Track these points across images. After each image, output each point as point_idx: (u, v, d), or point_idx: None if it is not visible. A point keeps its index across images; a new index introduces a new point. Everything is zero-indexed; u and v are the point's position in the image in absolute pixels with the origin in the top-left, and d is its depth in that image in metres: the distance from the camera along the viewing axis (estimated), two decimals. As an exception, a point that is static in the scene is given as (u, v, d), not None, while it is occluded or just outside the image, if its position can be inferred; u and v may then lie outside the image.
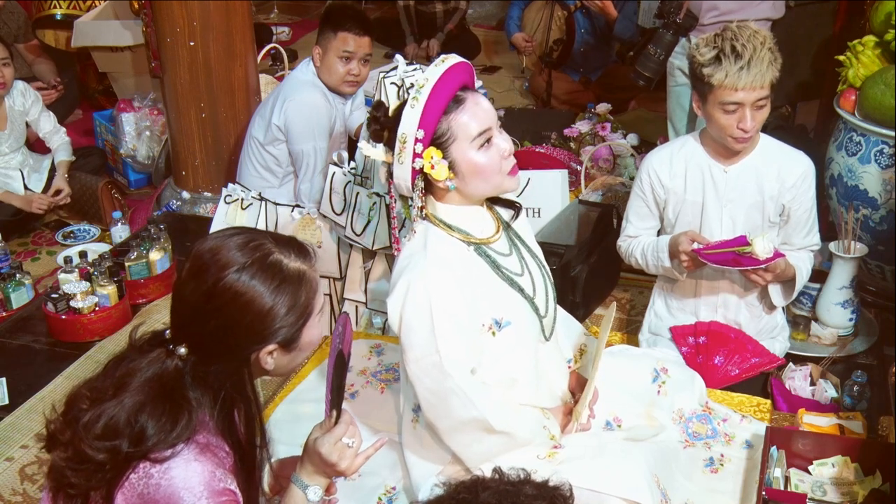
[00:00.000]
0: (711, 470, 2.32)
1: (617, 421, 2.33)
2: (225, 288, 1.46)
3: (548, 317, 2.22)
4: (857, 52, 3.18)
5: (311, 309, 1.57)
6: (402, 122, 1.98)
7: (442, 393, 2.01)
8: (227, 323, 1.48)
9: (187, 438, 1.46)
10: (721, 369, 2.72)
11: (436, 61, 2.04)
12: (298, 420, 2.50)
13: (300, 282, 1.54)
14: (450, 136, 1.99)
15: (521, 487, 1.26)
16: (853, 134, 3.18)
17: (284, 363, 1.61)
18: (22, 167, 4.23)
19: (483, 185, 2.05)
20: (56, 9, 5.10)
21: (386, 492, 2.24)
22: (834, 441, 2.37)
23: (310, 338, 1.60)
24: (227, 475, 1.49)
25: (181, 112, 4.02)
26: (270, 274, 1.49)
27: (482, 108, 2.02)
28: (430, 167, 1.98)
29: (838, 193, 3.25)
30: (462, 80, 2.03)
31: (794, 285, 2.74)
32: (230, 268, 1.47)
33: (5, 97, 4.14)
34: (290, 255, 1.54)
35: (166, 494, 1.41)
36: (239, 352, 1.52)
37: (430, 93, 1.96)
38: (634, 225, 2.86)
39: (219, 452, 1.50)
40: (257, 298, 1.48)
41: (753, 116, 2.51)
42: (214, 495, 1.43)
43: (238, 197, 3.37)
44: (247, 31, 4.01)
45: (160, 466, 1.43)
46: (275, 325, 1.51)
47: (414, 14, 6.06)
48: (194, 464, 1.44)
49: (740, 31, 2.47)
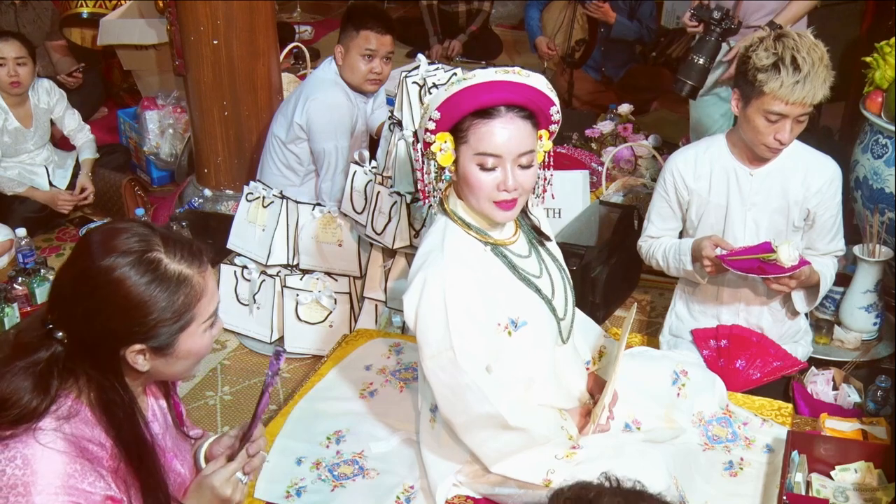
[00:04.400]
0: (731, 473, 2.31)
1: (636, 423, 2.32)
2: (98, 272, 1.42)
3: (566, 319, 2.21)
4: (885, 54, 3.15)
5: (190, 316, 1.50)
6: (432, 97, 2.00)
7: (457, 388, 2.01)
8: (94, 310, 1.43)
9: (37, 421, 1.40)
10: (742, 373, 2.71)
11: (508, 68, 1.98)
12: (316, 417, 2.51)
13: (179, 284, 1.47)
14: (465, 136, 1.98)
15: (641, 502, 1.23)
16: (879, 136, 3.15)
17: (161, 368, 1.53)
18: (47, 164, 4.27)
19: (471, 198, 2.03)
20: (83, 7, 5.12)
21: (404, 490, 2.24)
22: (857, 446, 2.35)
23: (188, 347, 1.52)
24: (91, 473, 1.42)
25: (204, 110, 4.04)
26: (145, 269, 1.44)
27: (510, 134, 1.95)
28: (437, 148, 1.99)
29: (863, 196, 3.22)
30: (516, 99, 1.96)
31: (817, 291, 2.71)
32: (109, 255, 1.42)
33: (30, 95, 4.18)
34: (176, 256, 1.48)
35: (11, 483, 1.36)
36: (106, 344, 1.46)
37: (464, 87, 1.93)
38: (656, 225, 2.84)
39: (89, 446, 1.45)
40: (127, 290, 1.42)
41: (793, 129, 2.50)
42: (64, 491, 1.37)
43: (259, 195, 3.38)
44: (270, 29, 4.03)
45: (7, 452, 1.38)
46: (144, 324, 1.45)
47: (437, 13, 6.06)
48: (52, 454, 1.39)
49: (801, 41, 2.42)
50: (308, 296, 3.23)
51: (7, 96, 4.10)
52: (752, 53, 2.47)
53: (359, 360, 2.75)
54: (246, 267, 3.36)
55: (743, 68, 2.51)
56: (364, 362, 2.73)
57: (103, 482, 1.44)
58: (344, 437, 2.42)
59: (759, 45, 2.47)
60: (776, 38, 2.46)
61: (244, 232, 3.40)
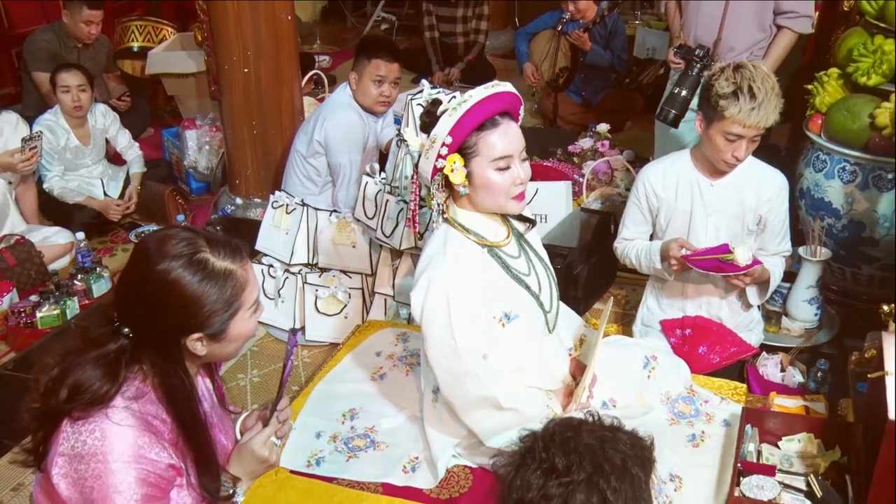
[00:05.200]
0: (693, 445, 2.30)
1: (612, 401, 2.31)
2: (156, 276, 1.43)
3: (551, 312, 2.20)
4: (824, 82, 3.16)
5: (238, 304, 1.50)
6: (438, 125, 1.98)
7: (457, 374, 2.01)
8: (156, 308, 1.44)
9: (108, 403, 1.42)
10: (704, 357, 2.70)
11: (488, 84, 2.01)
12: (333, 397, 2.50)
13: (226, 278, 1.47)
14: (475, 150, 1.97)
15: (617, 434, 1.23)
16: (819, 153, 3.15)
17: (216, 351, 1.54)
18: (102, 176, 4.31)
19: (489, 200, 2.03)
20: (133, 42, 5.18)
21: (410, 461, 2.23)
22: (800, 420, 2.35)
23: (238, 331, 1.53)
24: (156, 444, 1.44)
25: (236, 129, 4.03)
26: (196, 268, 1.44)
27: (511, 135, 1.99)
28: (450, 170, 1.97)
29: (806, 205, 3.22)
30: (503, 107, 1.99)
31: (768, 286, 2.72)
32: (163, 260, 1.43)
33: (88, 117, 4.19)
34: (220, 255, 1.48)
35: (92, 452, 1.38)
36: (168, 336, 1.47)
37: (468, 109, 1.94)
38: (630, 229, 2.83)
39: (154, 422, 1.46)
40: (182, 289, 1.43)
41: (748, 148, 2.49)
42: (135, 460, 1.40)
43: (283, 203, 3.37)
44: (293, 59, 4.02)
45: (88, 426, 1.40)
46: (200, 315, 1.46)
47: (438, 45, 6.05)
48: (125, 429, 1.40)
49: (756, 72, 2.42)
50: (326, 291, 3.22)
51: (70, 118, 4.11)
52: (714, 82, 2.46)
53: (370, 347, 2.74)
54: (272, 266, 3.36)
55: (706, 94, 2.50)
56: (375, 349, 2.72)
57: (166, 453, 1.45)
58: (357, 415, 2.42)
59: (721, 74, 2.46)
60: (734, 68, 2.45)
61: (270, 235, 3.39)
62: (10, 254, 3.51)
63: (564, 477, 1.16)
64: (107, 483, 1.37)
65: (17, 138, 3.79)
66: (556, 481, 1.16)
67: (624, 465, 1.18)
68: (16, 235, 3.64)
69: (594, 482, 1.15)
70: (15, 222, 3.81)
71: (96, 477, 1.37)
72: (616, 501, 1.15)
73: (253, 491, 2.11)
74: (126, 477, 1.38)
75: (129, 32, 5.19)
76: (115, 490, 1.38)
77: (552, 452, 1.18)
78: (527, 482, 1.18)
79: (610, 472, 1.16)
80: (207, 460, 1.55)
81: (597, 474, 1.16)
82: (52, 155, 4.07)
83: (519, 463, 1.21)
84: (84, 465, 1.38)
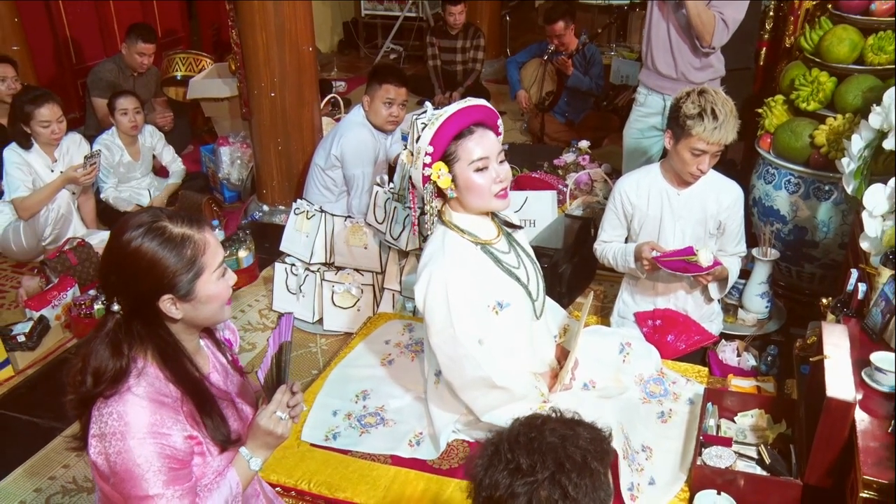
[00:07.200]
0: (662, 420, 2.29)
1: (592, 383, 2.30)
2: (120, 247, 1.39)
3: (538, 300, 2.19)
4: (771, 107, 3.17)
5: (200, 265, 1.42)
6: (420, 138, 1.99)
7: (456, 357, 2.00)
8: (127, 276, 1.39)
9: (124, 380, 1.39)
10: (672, 345, 2.69)
11: (463, 101, 2.02)
12: (347, 381, 2.49)
13: (184, 241, 1.41)
14: (456, 155, 1.98)
15: (577, 430, 1.20)
16: (769, 167, 3.15)
17: (192, 313, 1.45)
18: (149, 188, 4.30)
19: (476, 200, 2.02)
20: (177, 71, 5.19)
21: (415, 436, 2.22)
22: (753, 398, 2.35)
23: (207, 292, 1.44)
24: (169, 419, 1.40)
25: (263, 145, 4.03)
26: (154, 234, 1.39)
27: (487, 140, 1.98)
28: (436, 176, 1.98)
29: (758, 212, 3.21)
30: (477, 118, 1.99)
31: (726, 283, 2.71)
32: (126, 231, 1.39)
33: (139, 137, 4.22)
34: (178, 223, 1.42)
35: (112, 431, 1.36)
36: (143, 301, 1.41)
37: (443, 121, 1.96)
38: (608, 233, 2.82)
39: (164, 399, 1.42)
40: (143, 253, 1.38)
41: (710, 162, 2.49)
42: (151, 436, 1.37)
43: (304, 209, 3.36)
44: (313, 85, 4.02)
45: (108, 408, 1.37)
46: (165, 276, 1.39)
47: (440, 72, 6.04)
48: (140, 409, 1.37)
49: (717, 96, 2.42)
50: (341, 286, 3.21)
51: (124, 137, 4.12)
52: (682, 104, 2.46)
53: (380, 336, 2.73)
54: (294, 265, 3.35)
55: (675, 115, 2.50)
56: (384, 338, 2.71)
57: (180, 425, 1.42)
58: (369, 395, 2.41)
59: (687, 98, 2.46)
60: (699, 93, 2.45)
61: (293, 238, 3.38)
62: (73, 254, 3.53)
63: (529, 476, 1.13)
64: (127, 458, 1.36)
65: (80, 155, 3.81)
66: (521, 480, 1.13)
67: (584, 461, 1.15)
68: (77, 238, 3.65)
69: (556, 479, 1.12)
70: (77, 227, 3.82)
71: (118, 453, 1.36)
72: (577, 495, 1.12)
73: (279, 461, 2.12)
74: (143, 451, 1.36)
75: (174, 63, 5.22)
76: (134, 464, 1.36)
77: (517, 453, 1.15)
78: (494, 482, 1.15)
79: (571, 470, 1.13)
80: (218, 424, 1.50)
81: (559, 472, 1.13)
82: (109, 169, 4.09)
83: (487, 464, 1.18)
84: (107, 444, 1.36)
